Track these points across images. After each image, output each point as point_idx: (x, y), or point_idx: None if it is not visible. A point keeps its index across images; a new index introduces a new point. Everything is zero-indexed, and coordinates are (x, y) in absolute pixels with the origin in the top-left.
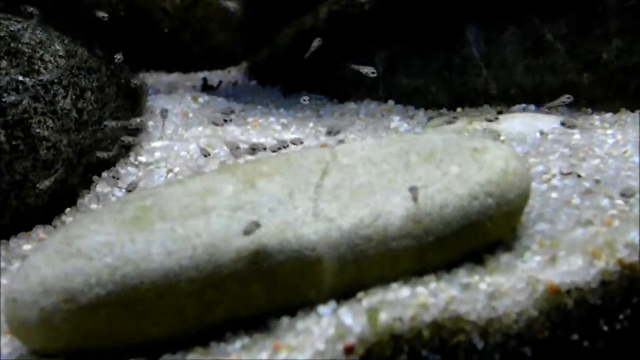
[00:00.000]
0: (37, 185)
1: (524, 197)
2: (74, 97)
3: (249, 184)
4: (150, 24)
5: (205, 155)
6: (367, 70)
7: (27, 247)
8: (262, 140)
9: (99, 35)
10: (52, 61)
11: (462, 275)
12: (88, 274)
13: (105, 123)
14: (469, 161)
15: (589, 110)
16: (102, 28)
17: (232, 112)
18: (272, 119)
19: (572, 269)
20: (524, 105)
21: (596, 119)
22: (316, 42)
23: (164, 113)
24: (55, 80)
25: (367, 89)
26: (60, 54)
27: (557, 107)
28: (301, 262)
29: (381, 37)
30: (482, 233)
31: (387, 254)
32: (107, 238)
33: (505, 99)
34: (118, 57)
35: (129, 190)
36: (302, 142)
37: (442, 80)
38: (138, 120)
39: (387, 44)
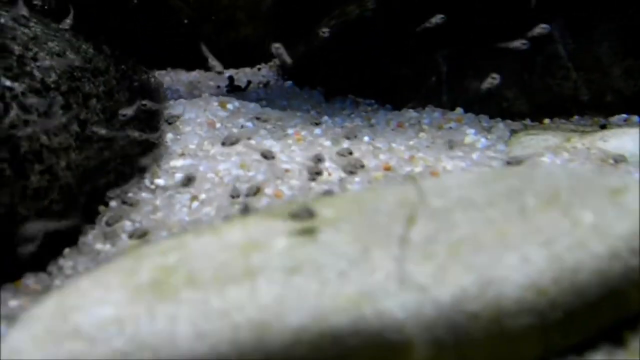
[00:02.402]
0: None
1: None
2: (75, 106)
3: (307, 235)
4: (167, 14)
5: (235, 197)
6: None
7: (14, 303)
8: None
9: (107, 29)
10: (49, 61)
11: None
12: None
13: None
14: (605, 206)
15: None
16: (111, 19)
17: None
18: (317, 130)
19: None
20: (624, 115)
21: None
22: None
23: None
24: (52, 85)
25: (427, 92)
26: (59, 52)
27: None
28: (383, 348)
29: (444, 29)
30: (623, 304)
31: (500, 336)
32: (116, 311)
33: (600, 107)
34: (67, 21)
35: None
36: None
37: (521, 84)
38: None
39: (452, 39)
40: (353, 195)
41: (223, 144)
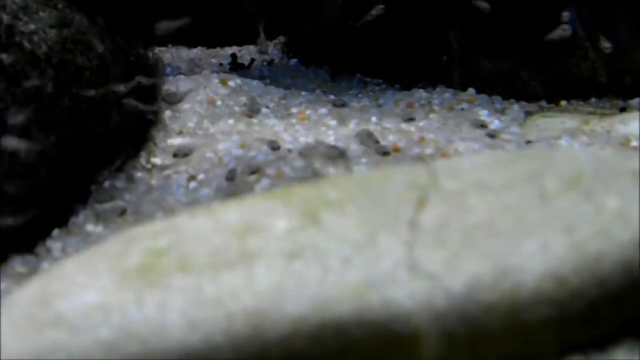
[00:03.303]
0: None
1: None
2: (67, 80)
3: (309, 218)
4: None
5: (230, 179)
6: None
7: None
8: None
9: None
10: (40, 32)
11: (621, 356)
12: (72, 353)
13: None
14: (630, 190)
15: None
16: None
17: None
18: (323, 110)
19: None
20: None
21: None
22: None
23: None
24: (42, 57)
25: (438, 72)
26: (51, 22)
27: None
28: (389, 340)
29: (457, 6)
30: None
31: (516, 328)
32: (102, 298)
33: (619, 90)
34: None
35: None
36: None
37: (537, 65)
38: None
39: (465, 16)
40: (359, 177)
41: (175, 155)
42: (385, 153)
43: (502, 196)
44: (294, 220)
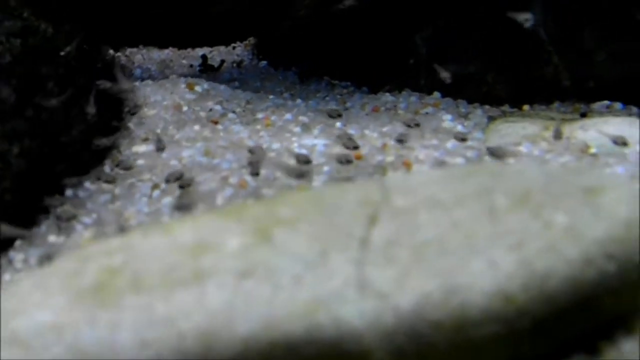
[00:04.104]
0: None
1: None
2: (31, 90)
3: (261, 236)
4: None
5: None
6: None
7: None
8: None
9: (69, 5)
10: (4, 42)
11: None
12: None
13: None
14: (579, 207)
15: None
16: None
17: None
18: (288, 115)
19: None
20: (607, 102)
21: None
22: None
23: None
24: (6, 67)
25: (405, 76)
26: (15, 32)
27: None
28: (340, 359)
29: (425, 9)
30: (597, 311)
31: (465, 346)
32: (55, 317)
33: (582, 94)
34: None
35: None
36: None
37: (501, 68)
38: None
39: (432, 19)
40: (313, 193)
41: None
42: (348, 161)
43: (452, 213)
44: (247, 238)
